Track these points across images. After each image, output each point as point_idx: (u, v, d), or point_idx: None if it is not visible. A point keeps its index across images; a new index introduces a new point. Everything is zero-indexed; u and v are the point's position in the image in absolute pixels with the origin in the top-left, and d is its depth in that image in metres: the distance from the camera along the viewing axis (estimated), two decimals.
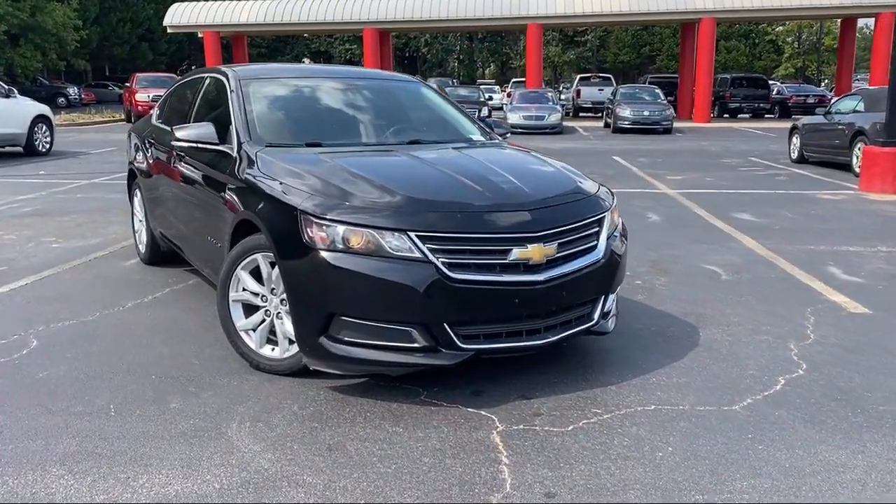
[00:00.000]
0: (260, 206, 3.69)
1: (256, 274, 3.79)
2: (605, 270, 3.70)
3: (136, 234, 6.40)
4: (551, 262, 3.44)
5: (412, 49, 63.92)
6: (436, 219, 3.33)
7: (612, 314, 3.91)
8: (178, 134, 4.26)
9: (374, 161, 4.07)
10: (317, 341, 3.39)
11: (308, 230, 3.36)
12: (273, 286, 3.71)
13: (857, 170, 12.30)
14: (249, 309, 3.87)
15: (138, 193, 6.17)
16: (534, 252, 3.37)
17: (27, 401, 3.49)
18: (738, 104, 31.73)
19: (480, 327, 3.37)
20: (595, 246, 3.69)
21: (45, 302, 5.10)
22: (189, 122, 4.93)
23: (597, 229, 3.74)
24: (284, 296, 3.63)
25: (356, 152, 4.19)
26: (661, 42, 59.63)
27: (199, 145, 4.28)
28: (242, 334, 3.86)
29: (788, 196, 10.23)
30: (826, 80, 57.09)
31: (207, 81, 5.08)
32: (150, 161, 5.65)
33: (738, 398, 3.51)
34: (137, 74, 26.53)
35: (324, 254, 3.30)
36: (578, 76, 35.44)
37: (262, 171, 3.86)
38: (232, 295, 3.86)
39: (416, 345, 3.30)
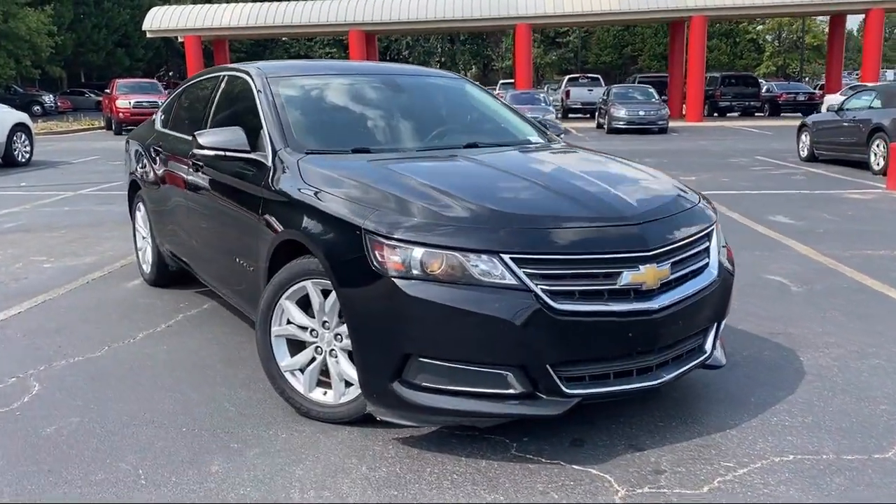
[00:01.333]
0: (309, 225, 3.10)
1: (304, 304, 3.21)
2: (720, 293, 3.15)
3: (139, 253, 5.77)
4: (664, 287, 2.89)
5: (393, 52, 63.37)
6: (532, 237, 2.76)
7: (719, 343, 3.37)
8: (202, 140, 3.65)
9: (438, 168, 3.50)
10: (388, 387, 2.81)
11: (377, 253, 2.78)
12: (325, 319, 3.13)
13: (876, 167, 11.92)
14: (296, 345, 3.28)
15: (142, 207, 5.55)
16: (647, 275, 2.81)
17: (34, 466, 2.88)
18: (728, 103, 31.49)
19: (585, 367, 2.80)
20: (707, 265, 3.14)
21: (43, 334, 4.46)
22: (207, 128, 4.34)
23: (707, 245, 3.19)
24: (340, 330, 3.07)
25: (412, 158, 3.62)
26: (643, 42, 59.50)
27: (226, 153, 3.67)
28: (288, 375, 3.27)
29: (815, 196, 9.77)
30: (807, 78, 57.24)
31: (225, 81, 4.48)
32: (158, 171, 5.03)
33: (885, 442, 2.97)
34: (117, 80, 25.67)
35: (398, 282, 2.72)
36: (567, 77, 35.00)
37: (308, 182, 3.27)
38: (274, 329, 3.27)
39: (511, 391, 2.74)
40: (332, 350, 3.14)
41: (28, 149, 14.73)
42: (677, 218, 3.10)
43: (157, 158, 5.05)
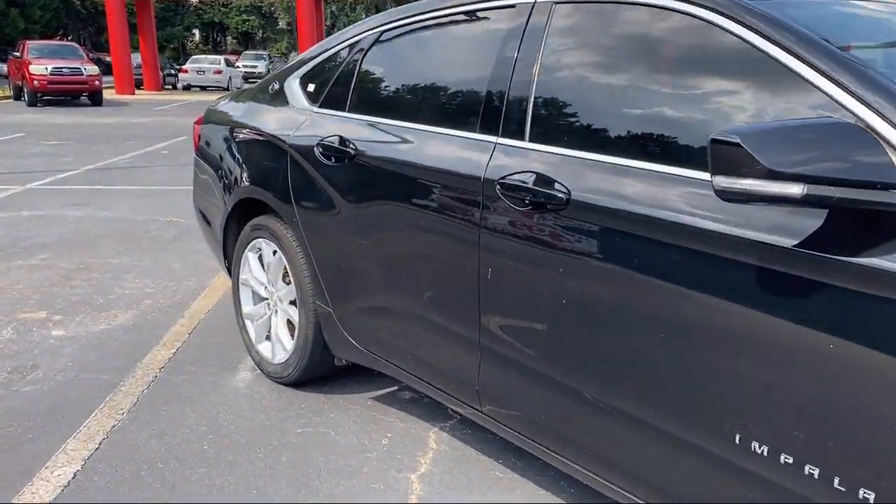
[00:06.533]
0: None
1: None
2: None
3: (252, 323, 3.31)
4: None
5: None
6: None
7: None
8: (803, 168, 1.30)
9: None
10: None
11: None
12: None
13: None
14: None
15: (267, 247, 3.11)
16: None
17: None
18: None
19: None
20: None
21: None
22: (529, 121, 2.00)
23: None
24: None
25: None
26: None
27: (842, 191, 1.33)
28: None
29: None
30: None
31: (558, 15, 2.10)
32: (361, 197, 2.58)
33: None
34: (28, 42, 21.91)
35: None
36: None
37: None
38: None
39: None
40: None
41: None
42: None
43: (351, 170, 2.61)
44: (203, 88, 29.92)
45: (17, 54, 21.47)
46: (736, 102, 1.67)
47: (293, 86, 3.11)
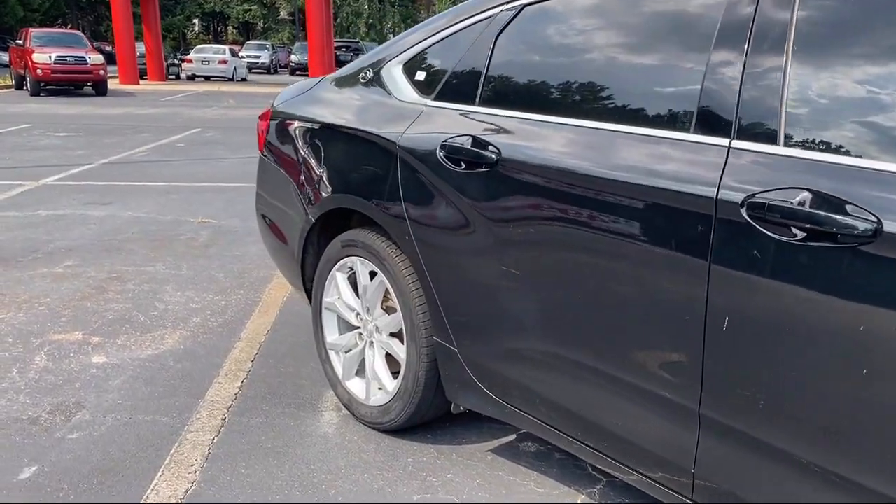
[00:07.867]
0: None
1: None
2: None
3: (338, 356, 2.79)
4: None
5: None
6: None
7: None
8: None
9: None
10: None
11: None
12: None
13: None
14: None
15: (364, 269, 2.59)
16: None
17: None
18: None
19: None
20: None
21: None
22: None
23: None
24: None
25: None
26: None
27: None
28: None
29: None
30: None
31: None
32: (509, 215, 2.03)
33: None
34: (31, 30, 21.27)
35: None
36: None
37: None
38: None
39: None
40: None
41: None
42: None
43: (492, 179, 2.08)
44: (207, 79, 29.35)
45: (20, 42, 20.85)
46: None
47: (395, 74, 2.58)
